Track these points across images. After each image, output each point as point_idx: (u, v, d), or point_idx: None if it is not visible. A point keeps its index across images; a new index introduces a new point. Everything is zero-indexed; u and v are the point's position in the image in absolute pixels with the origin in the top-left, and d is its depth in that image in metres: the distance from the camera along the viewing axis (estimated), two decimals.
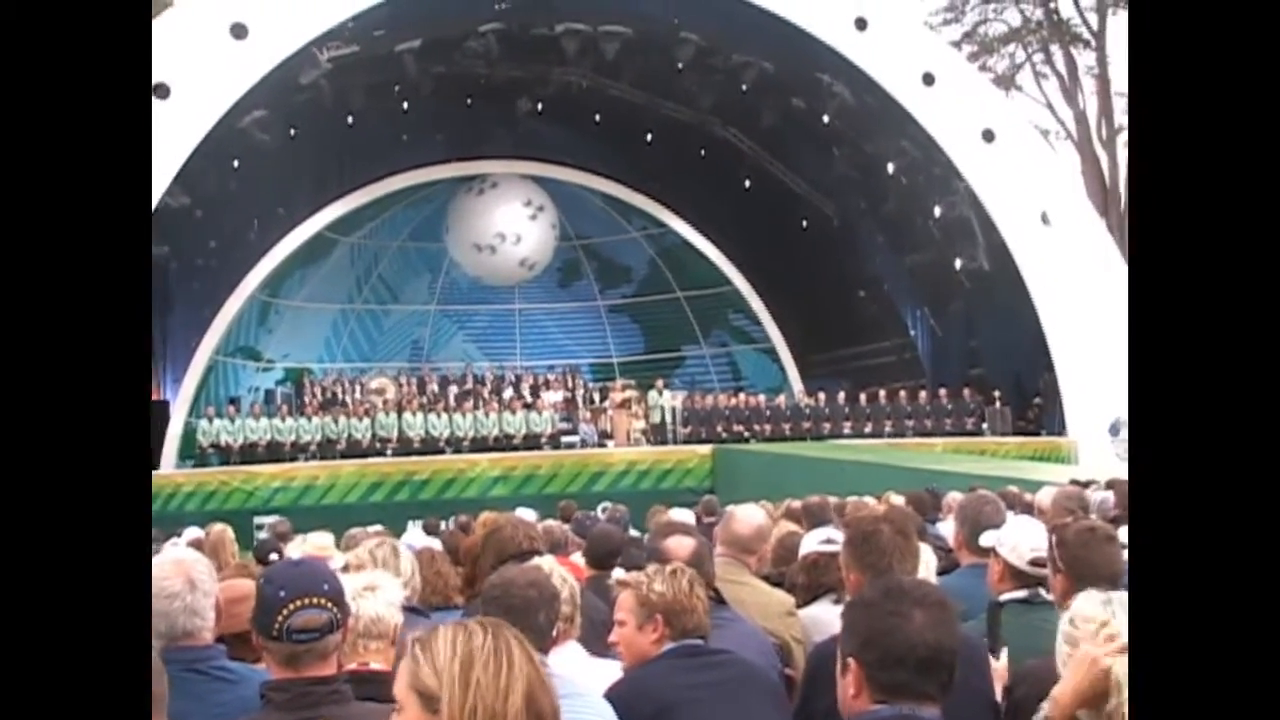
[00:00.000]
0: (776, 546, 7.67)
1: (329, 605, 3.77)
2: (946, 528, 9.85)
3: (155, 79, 25.00)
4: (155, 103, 24.92)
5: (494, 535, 6.56)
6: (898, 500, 12.07)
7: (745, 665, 4.82)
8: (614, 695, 4.43)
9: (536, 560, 5.56)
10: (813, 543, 6.63)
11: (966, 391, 32.13)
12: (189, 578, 4.47)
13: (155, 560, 4.91)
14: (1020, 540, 5.36)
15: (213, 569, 4.69)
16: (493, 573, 5.27)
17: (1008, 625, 4.92)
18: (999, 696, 4.51)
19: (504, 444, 30.61)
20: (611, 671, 4.87)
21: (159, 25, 26.44)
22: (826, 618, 6.11)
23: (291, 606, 3.71)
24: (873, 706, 3.26)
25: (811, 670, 5.02)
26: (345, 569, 5.49)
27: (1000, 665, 4.62)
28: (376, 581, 4.57)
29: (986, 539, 5.65)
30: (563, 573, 5.17)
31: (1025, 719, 3.72)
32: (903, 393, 32.57)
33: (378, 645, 4.42)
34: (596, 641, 5.27)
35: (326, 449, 29.79)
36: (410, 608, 5.10)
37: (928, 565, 6.20)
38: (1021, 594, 5.27)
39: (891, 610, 3.29)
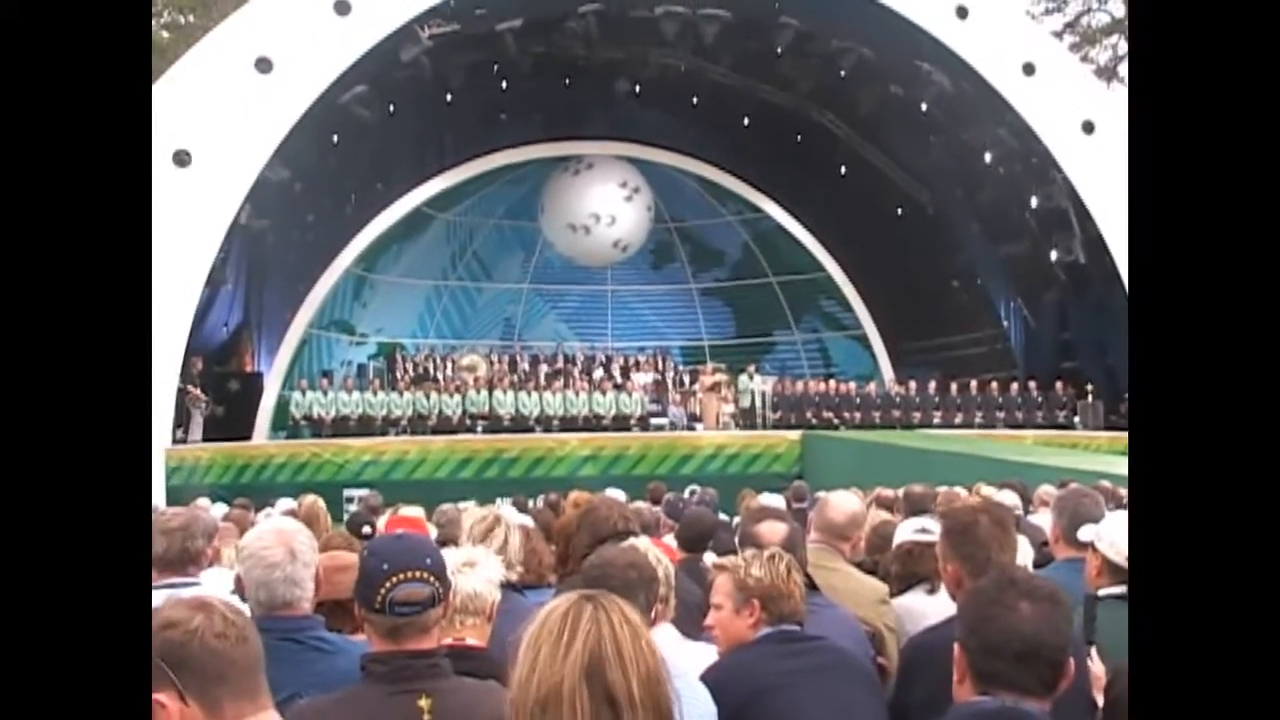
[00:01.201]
0: (870, 535, 7.66)
1: (431, 579, 3.80)
2: (1037, 520, 9.79)
3: (258, 53, 25.33)
4: (258, 77, 25.27)
5: (589, 515, 6.58)
6: (989, 491, 12.01)
7: (840, 652, 4.82)
8: (709, 678, 4.44)
9: (632, 541, 5.58)
10: (908, 531, 6.61)
11: (1059, 384, 31.85)
12: (290, 548, 4.52)
13: (256, 530, 4.99)
14: (1119, 535, 5.29)
15: (313, 540, 4.74)
16: (588, 552, 5.30)
17: (1105, 621, 4.88)
18: (1097, 692, 4.48)
19: (593, 424, 30.64)
20: (706, 654, 4.88)
21: (263, 0, 26.74)
22: (920, 607, 6.11)
23: (394, 579, 3.74)
24: (975, 697, 3.26)
25: (906, 662, 5.02)
26: (444, 543, 5.54)
27: (1096, 661, 4.58)
28: (476, 558, 4.59)
29: (1085, 533, 5.59)
30: (657, 553, 5.17)
31: (1123, 715, 3.69)
32: (994, 384, 32.33)
33: (474, 621, 4.44)
34: (690, 624, 5.28)
35: (417, 424, 29.93)
36: (508, 584, 5.12)
37: (1023, 557, 6.17)
38: (1119, 590, 5.21)
39: (996, 599, 3.29)
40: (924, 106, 31.58)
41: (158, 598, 5.30)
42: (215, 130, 25.07)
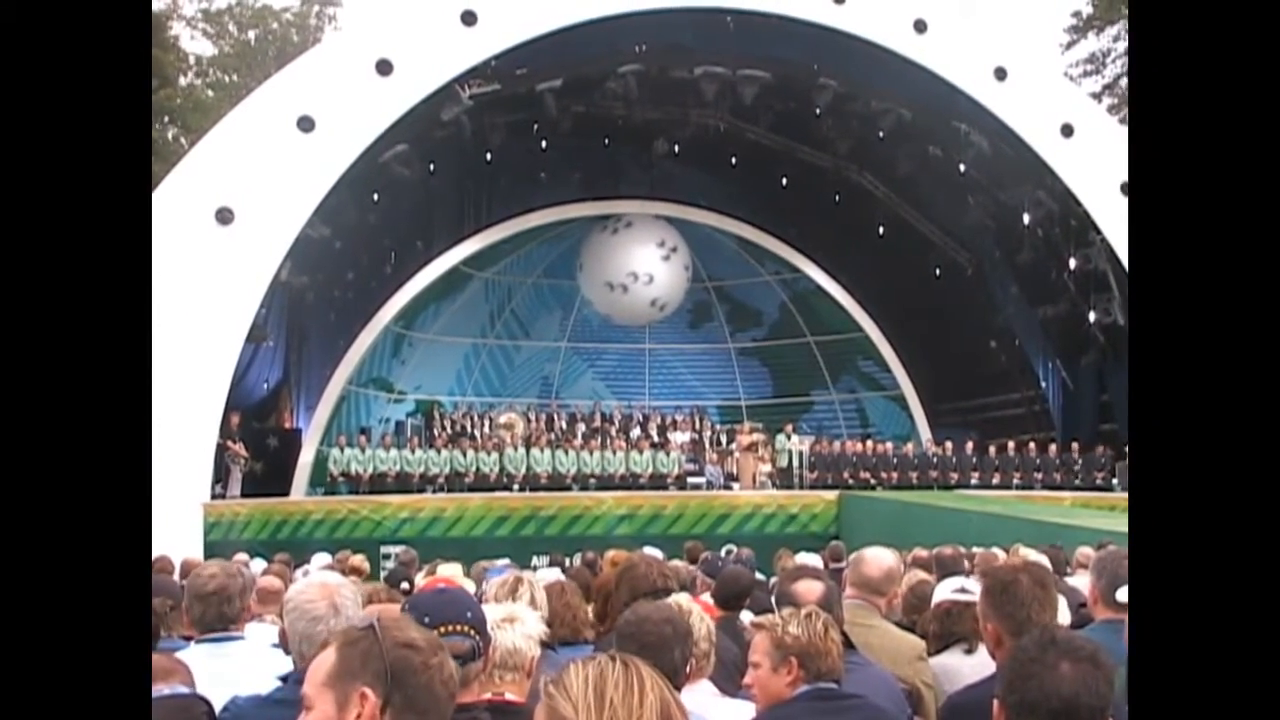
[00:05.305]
0: (908, 594, 7.65)
1: (472, 633, 3.82)
2: (1075, 582, 9.75)
3: (301, 112, 25.54)
4: (300, 135, 25.47)
5: (628, 572, 6.59)
6: (1027, 553, 11.95)
7: (877, 710, 4.81)
8: None
9: (675, 597, 5.59)
10: (946, 591, 6.60)
11: (1098, 447, 31.69)
12: (333, 602, 4.54)
13: (300, 584, 5.02)
14: None
15: (357, 594, 4.77)
16: (626, 609, 5.31)
17: None
18: None
19: (630, 483, 30.60)
20: (743, 711, 4.89)
21: (306, 60, 27.04)
22: (957, 666, 6.09)
23: (436, 632, 3.76)
24: None
25: None
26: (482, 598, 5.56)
27: None
28: (517, 613, 4.60)
29: (1124, 594, 5.58)
30: (699, 610, 5.19)
31: None
32: (1032, 445, 32.21)
33: (513, 677, 4.44)
34: (726, 681, 5.29)
35: (454, 482, 29.95)
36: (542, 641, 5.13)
37: (1061, 618, 6.14)
38: None
39: (1037, 657, 3.28)
40: (962, 167, 31.64)
41: (200, 651, 5.35)
42: (257, 188, 25.26)
